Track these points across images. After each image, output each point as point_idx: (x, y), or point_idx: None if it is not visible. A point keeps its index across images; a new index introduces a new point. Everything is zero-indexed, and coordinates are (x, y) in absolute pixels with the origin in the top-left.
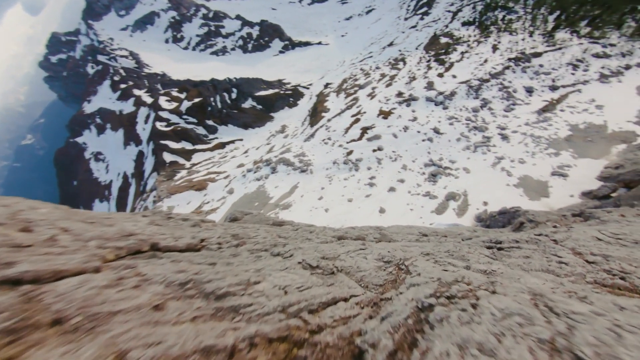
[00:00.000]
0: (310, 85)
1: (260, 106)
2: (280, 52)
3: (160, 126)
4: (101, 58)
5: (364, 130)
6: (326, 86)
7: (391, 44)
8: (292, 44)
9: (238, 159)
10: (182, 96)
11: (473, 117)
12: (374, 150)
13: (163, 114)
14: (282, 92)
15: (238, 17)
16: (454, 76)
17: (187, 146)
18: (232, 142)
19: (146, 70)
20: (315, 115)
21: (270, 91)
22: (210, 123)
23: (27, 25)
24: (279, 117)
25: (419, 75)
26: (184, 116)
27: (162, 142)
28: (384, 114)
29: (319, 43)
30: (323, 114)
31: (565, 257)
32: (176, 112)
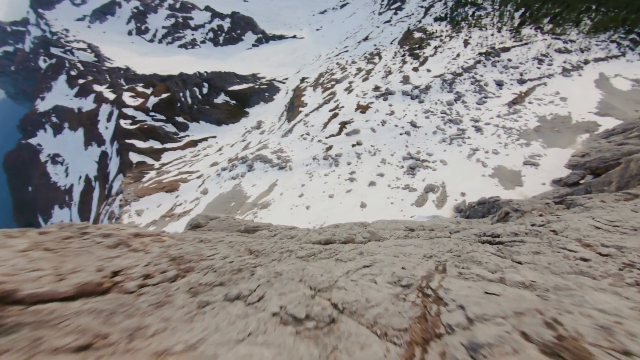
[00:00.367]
0: (286, 79)
1: (233, 101)
2: (253, 46)
3: (124, 124)
4: (55, 51)
5: (343, 124)
6: (303, 80)
7: (366, 39)
8: (266, 38)
9: (212, 158)
10: (149, 92)
11: (448, 111)
12: (353, 145)
13: (127, 111)
14: (257, 87)
15: (207, 9)
16: (429, 70)
17: (156, 145)
18: (205, 140)
19: (107, 64)
20: (292, 110)
21: (244, 85)
22: (180, 120)
23: None
24: (255, 113)
25: (395, 69)
26: (151, 113)
27: (128, 142)
28: (362, 108)
29: (294, 37)
30: (300, 109)
31: (579, 251)
32: (142, 109)
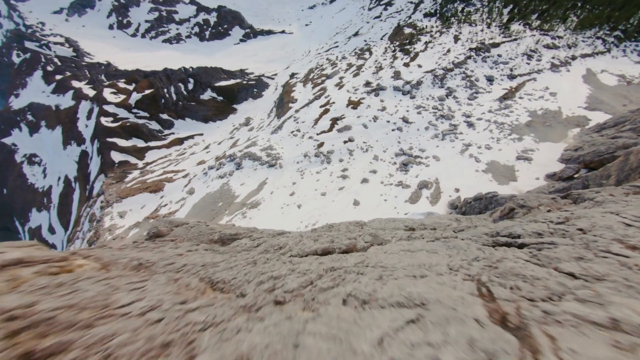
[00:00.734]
0: (275, 75)
1: (221, 97)
2: (241, 41)
3: (105, 122)
4: (29, 45)
5: (334, 121)
6: (292, 76)
7: (356, 34)
8: (254, 33)
9: (198, 156)
10: (131, 88)
11: (440, 106)
12: (345, 141)
13: (109, 108)
14: (245, 83)
15: (193, 2)
16: (420, 65)
17: (139, 143)
18: (191, 137)
19: (87, 59)
20: (282, 106)
21: (231, 81)
22: (164, 117)
23: None
24: (243, 109)
25: (386, 65)
26: (134, 110)
27: (109, 140)
28: (353, 104)
29: (283, 32)
30: (290, 105)
31: (632, 256)
32: (124, 106)
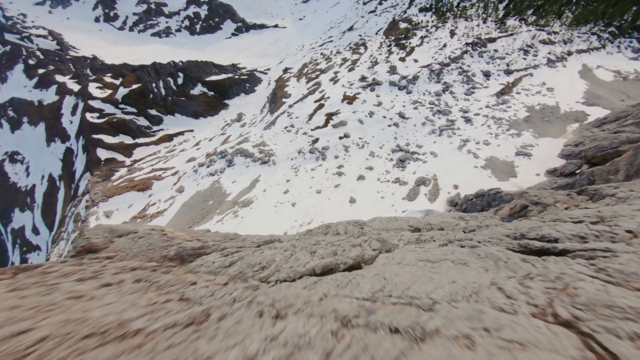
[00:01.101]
0: (268, 70)
1: (212, 92)
2: (233, 35)
3: (91, 118)
4: (10, 37)
5: (329, 116)
6: (285, 71)
7: (351, 29)
8: (246, 27)
9: (188, 153)
10: (118, 82)
11: (436, 101)
12: (341, 137)
13: (94, 104)
14: (237, 77)
15: None
16: (416, 60)
17: (126, 140)
18: (181, 134)
19: (72, 53)
20: (275, 101)
21: (223, 76)
22: (153, 113)
23: None
24: (235, 105)
25: (381, 59)
26: (121, 105)
27: (95, 137)
28: (349, 99)
29: (276, 26)
30: (284, 100)
31: None
32: (110, 101)
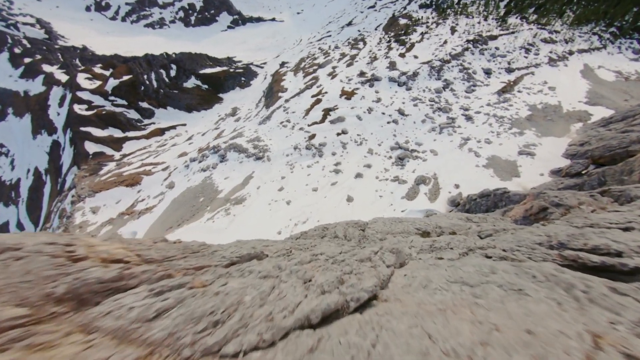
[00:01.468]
0: (264, 64)
1: (206, 86)
2: (229, 28)
3: (79, 110)
4: None
5: (327, 111)
6: (282, 65)
7: (350, 24)
8: (243, 19)
9: (180, 147)
10: (107, 73)
11: (436, 98)
12: (338, 133)
13: (83, 95)
14: (232, 71)
15: None
16: (416, 56)
17: (116, 133)
18: (173, 128)
19: (61, 42)
20: (271, 95)
21: (217, 69)
22: (144, 105)
23: None
24: (229, 99)
25: (380, 55)
26: (111, 97)
27: (83, 130)
28: (347, 95)
29: (273, 19)
30: (280, 94)
31: None
32: (100, 93)
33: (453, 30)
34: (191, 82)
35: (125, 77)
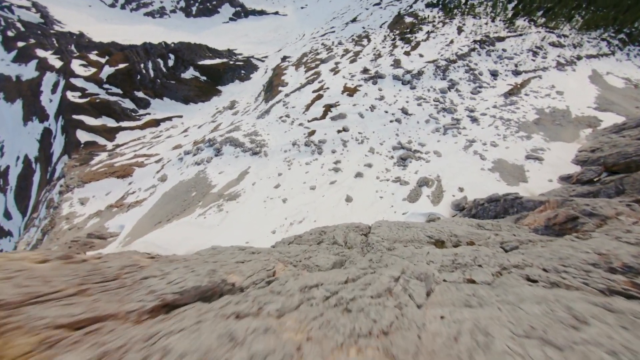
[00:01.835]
0: (265, 57)
1: (204, 77)
2: (230, 20)
3: (72, 97)
4: None
5: (328, 108)
6: (284, 59)
7: (354, 20)
8: (245, 12)
9: (175, 139)
10: (103, 60)
11: (441, 98)
12: (339, 130)
13: (77, 82)
14: (232, 63)
15: None
16: (421, 55)
17: (110, 123)
18: (169, 119)
19: (57, 27)
20: (271, 89)
21: (217, 60)
22: (140, 95)
23: None
24: (228, 91)
25: (385, 52)
26: (105, 85)
27: (76, 118)
28: (349, 91)
29: (276, 13)
30: (280, 88)
31: None
32: (94, 80)
33: (460, 30)
34: (189, 73)
35: (121, 65)
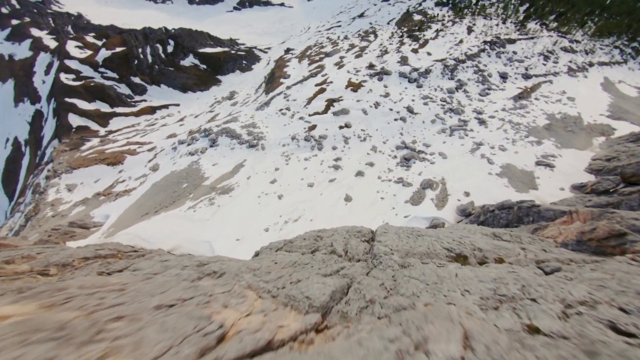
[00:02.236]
0: (268, 49)
1: (204, 66)
2: (234, 9)
3: (66, 79)
4: None
5: (330, 102)
6: (287, 51)
7: (362, 15)
8: (250, 2)
9: (170, 128)
10: (100, 43)
11: (448, 99)
12: (341, 126)
13: (71, 64)
14: (234, 53)
15: None
16: (429, 53)
17: (103, 108)
18: (165, 107)
19: (55, 7)
20: (272, 81)
21: (218, 49)
22: (136, 81)
23: None
24: (228, 81)
25: (392, 49)
26: (101, 69)
27: (68, 101)
28: (354, 86)
29: (282, 4)
30: (282, 80)
31: None
32: (90, 63)
33: (470, 30)
34: (189, 61)
35: (118, 49)
